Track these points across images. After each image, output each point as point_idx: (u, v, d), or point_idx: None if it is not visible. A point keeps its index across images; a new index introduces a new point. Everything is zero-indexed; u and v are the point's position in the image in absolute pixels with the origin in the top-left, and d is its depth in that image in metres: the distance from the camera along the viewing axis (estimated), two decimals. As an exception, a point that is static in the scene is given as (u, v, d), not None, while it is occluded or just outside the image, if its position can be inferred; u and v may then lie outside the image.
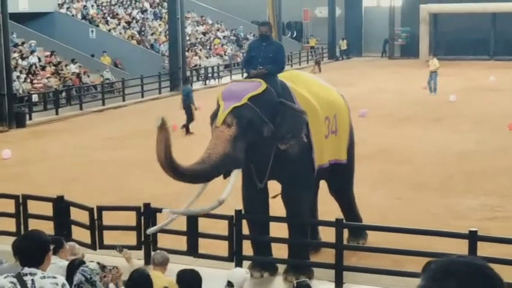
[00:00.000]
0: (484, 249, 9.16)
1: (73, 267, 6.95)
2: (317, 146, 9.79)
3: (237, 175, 9.18)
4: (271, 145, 9.31)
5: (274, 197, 9.85)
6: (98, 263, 7.29)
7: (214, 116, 9.39)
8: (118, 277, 6.65)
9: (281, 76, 9.98)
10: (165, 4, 41.04)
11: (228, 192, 8.99)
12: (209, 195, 9.18)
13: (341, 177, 10.80)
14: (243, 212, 10.02)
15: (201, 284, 6.40)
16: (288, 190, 9.65)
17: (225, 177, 9.23)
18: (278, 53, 10.11)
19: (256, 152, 9.19)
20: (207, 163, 8.97)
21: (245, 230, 9.83)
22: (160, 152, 8.61)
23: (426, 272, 2.05)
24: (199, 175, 8.99)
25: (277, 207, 10.07)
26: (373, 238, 11.15)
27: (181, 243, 10.31)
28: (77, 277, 6.56)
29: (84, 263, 7.08)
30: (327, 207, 11.19)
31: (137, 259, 8.65)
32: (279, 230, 10.16)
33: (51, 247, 5.02)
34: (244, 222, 10.00)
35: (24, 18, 34.28)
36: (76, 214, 11.08)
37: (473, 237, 8.89)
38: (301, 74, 11.27)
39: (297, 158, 9.47)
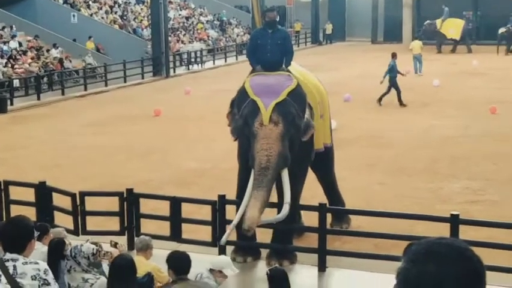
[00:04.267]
0: (466, 233, 9.22)
1: (52, 248, 6.92)
2: (315, 132, 9.84)
3: (286, 173, 9.14)
4: (299, 139, 9.36)
5: None
6: (96, 244, 7.30)
7: (250, 112, 9.14)
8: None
9: None
10: (148, -12, 40.76)
11: (289, 192, 9.05)
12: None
13: (325, 160, 10.84)
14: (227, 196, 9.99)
15: (190, 266, 6.41)
16: (290, 175, 9.41)
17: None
18: (287, 40, 10.15)
19: (291, 147, 9.20)
20: (271, 168, 8.90)
21: (228, 215, 9.80)
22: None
23: (406, 254, 2.05)
24: (269, 190, 8.95)
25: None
26: (356, 222, 11.19)
27: (165, 228, 10.28)
28: (68, 251, 6.60)
29: (64, 243, 7.06)
30: (311, 191, 11.19)
31: (123, 244, 8.61)
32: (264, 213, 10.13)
33: (36, 234, 4.97)
34: (228, 207, 9.96)
35: (5, 3, 33.91)
36: (59, 200, 11.01)
37: (454, 221, 8.93)
38: None
39: (304, 145, 9.51)
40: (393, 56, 23.18)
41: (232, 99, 9.82)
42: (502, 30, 39.11)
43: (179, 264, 6.42)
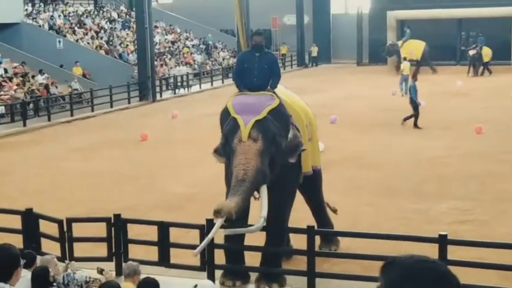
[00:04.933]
0: (455, 253, 9.23)
1: (35, 276, 6.85)
2: (304, 154, 9.85)
3: (265, 189, 9.13)
4: (282, 159, 9.32)
5: None
6: (100, 270, 7.30)
7: (230, 129, 9.21)
8: None
9: None
10: (133, 14, 40.87)
11: (266, 207, 8.99)
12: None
13: (313, 182, 10.84)
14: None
15: None
16: (276, 199, 9.44)
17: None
18: (274, 64, 10.13)
19: (271, 165, 9.19)
20: (248, 181, 8.86)
21: (217, 239, 9.76)
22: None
23: (383, 275, 2.06)
24: (246, 197, 8.92)
25: (255, 210, 9.99)
26: (345, 244, 11.17)
27: (153, 253, 10.22)
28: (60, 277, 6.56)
29: (47, 270, 7.00)
30: (299, 213, 11.18)
31: (109, 271, 8.55)
32: (252, 237, 10.11)
33: (22, 261, 4.91)
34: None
35: (-11, 30, 33.91)
36: (46, 226, 10.93)
37: (443, 241, 8.94)
38: None
39: (292, 167, 9.50)
40: (414, 77, 22.86)
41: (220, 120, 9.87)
42: (472, 52, 39.08)
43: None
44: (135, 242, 10.54)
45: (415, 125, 22.64)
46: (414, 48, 41.62)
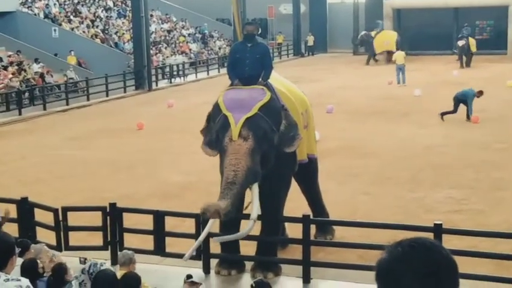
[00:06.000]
0: (450, 242, 9.24)
1: (24, 268, 6.83)
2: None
3: (256, 188, 9.08)
4: (276, 151, 9.30)
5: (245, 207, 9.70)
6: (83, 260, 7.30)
7: (221, 127, 9.16)
8: None
9: None
10: (129, 2, 40.72)
11: (257, 207, 8.97)
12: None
13: (309, 172, 10.83)
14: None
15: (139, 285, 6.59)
16: (271, 187, 9.46)
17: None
18: (266, 55, 10.07)
19: (264, 161, 9.15)
20: (238, 183, 8.79)
21: (212, 229, 9.75)
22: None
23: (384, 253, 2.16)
24: (235, 201, 8.83)
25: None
26: (340, 233, 11.19)
27: (148, 242, 10.22)
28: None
29: (36, 262, 6.98)
30: (294, 203, 11.18)
31: (104, 260, 8.55)
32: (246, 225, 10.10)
33: (17, 250, 4.91)
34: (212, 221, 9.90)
35: (-15, 18, 33.76)
36: (41, 215, 10.92)
37: (438, 230, 8.96)
38: None
39: (286, 156, 9.48)
40: (480, 92, 21.70)
41: (209, 113, 9.81)
42: (461, 43, 38.45)
43: (129, 283, 6.51)
44: (130, 231, 10.54)
45: (443, 114, 21.86)
46: (388, 38, 42.13)
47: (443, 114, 21.86)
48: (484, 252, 9.33)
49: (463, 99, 21.66)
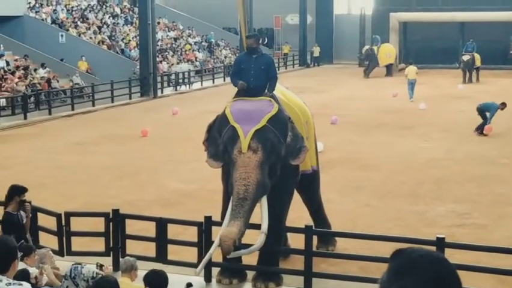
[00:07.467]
0: (452, 256, 9.22)
1: (16, 278, 6.82)
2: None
3: (265, 200, 9.10)
4: (283, 163, 9.32)
5: None
6: (99, 265, 7.29)
7: (229, 138, 9.12)
8: None
9: None
10: (136, 9, 40.88)
11: (266, 220, 8.97)
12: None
13: (311, 183, 10.84)
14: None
15: (167, 284, 6.42)
16: (274, 198, 9.40)
17: None
18: (271, 66, 10.05)
19: (271, 173, 9.17)
20: (249, 199, 8.83)
21: (214, 237, 9.76)
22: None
23: (390, 261, 2.13)
24: (248, 218, 8.89)
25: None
26: (342, 245, 11.18)
27: (151, 249, 10.23)
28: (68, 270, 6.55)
29: (27, 273, 6.95)
30: (297, 213, 11.19)
31: (109, 266, 8.58)
32: (250, 236, 10.11)
33: (19, 254, 4.93)
34: (214, 229, 9.92)
35: (-8, 22, 33.90)
36: (44, 220, 10.94)
37: (440, 244, 8.95)
38: None
39: (290, 167, 9.48)
40: (503, 104, 21.79)
41: (209, 124, 9.76)
42: (466, 57, 38.07)
43: (157, 281, 6.45)
44: (133, 237, 10.55)
45: (479, 129, 21.64)
46: (389, 51, 43.18)
47: (479, 129, 21.68)
48: (486, 267, 9.32)
49: (485, 109, 21.75)
